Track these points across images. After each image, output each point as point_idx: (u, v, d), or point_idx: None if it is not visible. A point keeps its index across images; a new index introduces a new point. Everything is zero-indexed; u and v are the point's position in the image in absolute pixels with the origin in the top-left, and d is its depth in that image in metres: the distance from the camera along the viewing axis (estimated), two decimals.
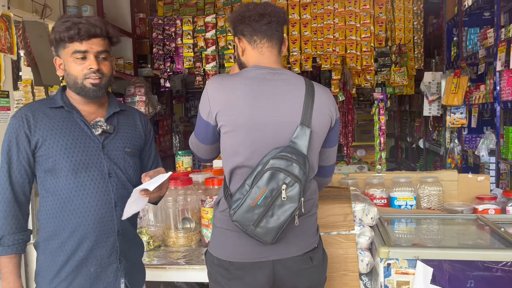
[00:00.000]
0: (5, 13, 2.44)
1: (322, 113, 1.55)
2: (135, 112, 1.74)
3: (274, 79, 1.54)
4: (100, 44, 1.52)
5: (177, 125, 5.42)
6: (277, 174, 1.42)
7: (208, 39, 4.03)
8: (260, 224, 1.44)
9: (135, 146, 1.66)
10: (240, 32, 1.59)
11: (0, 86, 2.39)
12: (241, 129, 1.50)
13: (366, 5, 4.12)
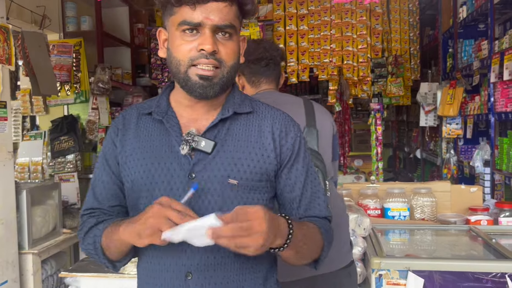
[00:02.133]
0: (3, 25, 2.47)
1: (324, 118, 1.65)
2: (268, 115, 1.08)
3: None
4: (222, 12, 0.98)
5: None
6: None
7: None
8: None
9: (250, 174, 1.03)
10: (240, 71, 1.70)
11: None
12: None
13: (362, 16, 4.17)
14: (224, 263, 1.01)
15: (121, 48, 4.32)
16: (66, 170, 3.64)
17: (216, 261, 1.00)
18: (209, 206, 1.00)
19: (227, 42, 1.00)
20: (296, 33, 4.24)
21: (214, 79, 0.99)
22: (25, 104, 3.81)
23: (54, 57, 3.63)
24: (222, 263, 1.01)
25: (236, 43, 1.02)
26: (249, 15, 1.07)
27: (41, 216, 2.72)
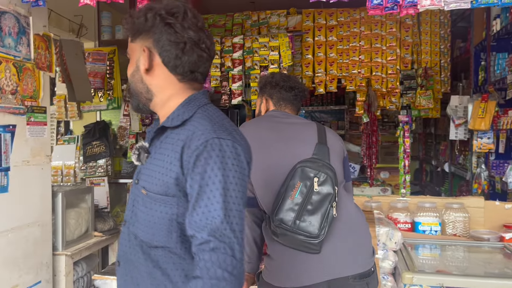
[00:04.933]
0: (45, 33, 2.58)
1: (335, 140, 1.76)
2: (190, 129, 1.10)
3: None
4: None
5: None
6: (306, 169, 1.56)
7: (235, 59, 4.11)
8: (303, 217, 1.53)
9: (156, 187, 1.10)
10: (269, 94, 1.90)
11: (39, 102, 2.50)
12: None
13: (392, 28, 4.15)
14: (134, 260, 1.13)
15: None
16: (97, 174, 3.74)
17: (128, 257, 1.15)
18: (138, 210, 1.15)
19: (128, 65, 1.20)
20: (324, 43, 4.25)
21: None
22: (60, 110, 3.94)
23: (89, 65, 3.75)
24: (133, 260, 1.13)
25: (130, 62, 1.19)
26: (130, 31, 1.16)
27: (75, 219, 2.80)
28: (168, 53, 1.11)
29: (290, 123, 1.79)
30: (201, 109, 1.14)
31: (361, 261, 1.62)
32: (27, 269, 2.40)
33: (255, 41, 4.07)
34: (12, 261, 2.31)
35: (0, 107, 2.23)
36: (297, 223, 1.54)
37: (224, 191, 1.00)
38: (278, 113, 1.84)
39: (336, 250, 1.57)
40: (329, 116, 7.14)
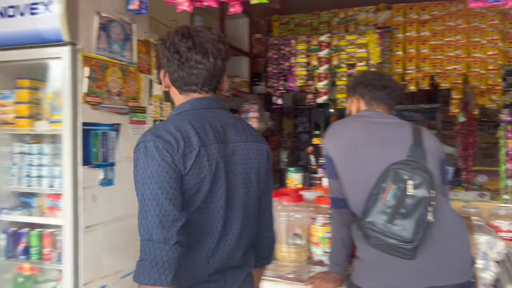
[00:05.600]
0: (146, 39, 2.78)
1: (432, 141, 1.67)
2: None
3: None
4: None
5: (285, 140, 5.55)
6: (399, 171, 1.51)
7: (322, 58, 4.08)
8: (395, 221, 1.48)
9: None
10: (360, 94, 1.85)
11: (140, 102, 2.71)
12: None
13: (494, 20, 3.83)
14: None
15: (240, 58, 4.54)
16: None
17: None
18: None
19: None
20: (416, 39, 4.05)
21: None
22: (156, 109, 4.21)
23: None
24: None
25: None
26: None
27: None
28: (175, 73, 1.31)
29: (383, 123, 1.73)
30: (170, 115, 1.32)
31: (459, 271, 1.53)
32: (128, 257, 2.61)
33: (342, 39, 4.00)
34: (115, 249, 2.53)
35: (108, 108, 2.45)
36: (389, 226, 1.49)
37: (138, 190, 1.21)
38: (370, 113, 1.79)
39: (432, 257, 1.49)
40: (420, 115, 6.76)
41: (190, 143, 1.19)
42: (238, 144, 1.31)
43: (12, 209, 2.47)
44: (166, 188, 1.15)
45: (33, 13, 2.25)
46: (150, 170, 1.16)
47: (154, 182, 1.15)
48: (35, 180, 2.42)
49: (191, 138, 1.20)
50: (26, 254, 2.41)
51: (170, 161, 1.16)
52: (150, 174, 1.16)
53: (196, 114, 1.27)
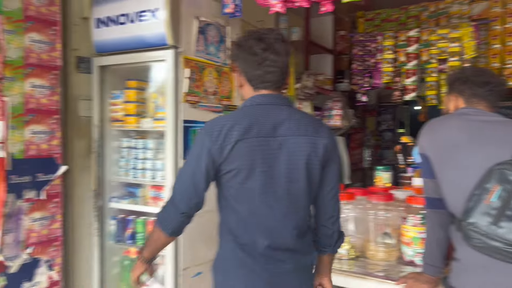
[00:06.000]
0: None
1: None
2: None
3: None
4: None
5: (368, 138, 5.45)
6: (506, 172, 1.45)
7: (410, 54, 3.96)
8: (501, 223, 1.43)
9: None
10: (459, 91, 1.76)
11: (232, 101, 2.85)
12: None
13: None
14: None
15: (324, 55, 4.55)
16: None
17: None
18: None
19: None
20: None
21: None
22: None
23: None
24: None
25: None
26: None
27: None
28: (251, 72, 1.49)
29: (484, 121, 1.66)
30: (234, 111, 1.57)
31: None
32: None
33: (432, 33, 3.85)
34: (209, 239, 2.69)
35: (205, 106, 2.62)
36: (493, 228, 1.44)
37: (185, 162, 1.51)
38: (469, 110, 1.72)
39: None
40: None
41: (230, 136, 1.40)
42: (287, 139, 1.45)
43: (120, 198, 2.74)
44: (197, 171, 1.43)
45: (142, 20, 2.47)
46: (195, 152, 1.45)
47: (193, 162, 1.44)
48: (140, 172, 2.66)
49: (233, 132, 1.40)
50: (133, 239, 2.67)
51: (208, 150, 1.41)
52: (193, 156, 1.45)
53: (251, 110, 1.47)
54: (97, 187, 2.72)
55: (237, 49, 1.52)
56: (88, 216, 2.73)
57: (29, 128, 2.33)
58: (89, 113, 2.73)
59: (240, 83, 1.55)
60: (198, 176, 1.43)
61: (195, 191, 1.44)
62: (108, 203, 2.75)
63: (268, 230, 1.48)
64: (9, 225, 2.24)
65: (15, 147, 2.27)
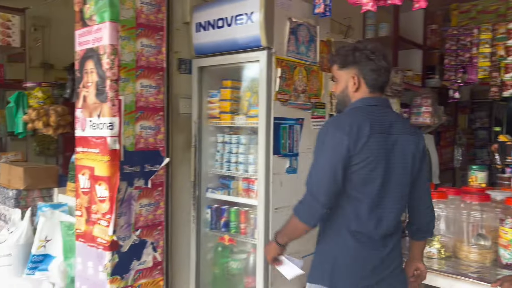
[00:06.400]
0: (328, 39, 2.98)
1: None
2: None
3: None
4: (331, 71, 1.86)
5: (460, 137, 5.19)
6: None
7: (510, 47, 3.72)
8: None
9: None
10: None
11: (320, 99, 2.93)
12: None
13: None
14: None
15: (413, 51, 4.43)
16: None
17: None
18: None
19: (335, 85, 1.80)
20: None
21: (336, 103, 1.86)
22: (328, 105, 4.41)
23: None
24: None
25: (340, 84, 1.76)
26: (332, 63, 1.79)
27: None
28: (370, 77, 1.68)
29: None
30: (348, 109, 1.72)
31: None
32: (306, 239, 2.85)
33: None
34: None
35: (294, 104, 2.73)
36: None
37: (316, 160, 1.63)
38: None
39: None
40: None
41: (363, 131, 1.58)
42: (399, 136, 1.66)
43: (215, 189, 2.96)
44: (335, 163, 1.57)
45: (238, 23, 2.64)
46: (329, 146, 1.59)
47: (329, 155, 1.59)
48: (233, 165, 2.85)
49: (364, 128, 1.58)
50: (226, 227, 2.87)
51: (344, 143, 1.57)
52: (327, 150, 1.60)
53: (369, 110, 1.66)
54: (195, 178, 2.97)
55: (356, 55, 1.69)
56: (187, 204, 2.99)
57: (139, 124, 2.62)
58: (188, 110, 2.98)
59: (356, 86, 1.71)
60: (338, 168, 1.57)
61: (334, 182, 1.58)
62: (204, 193, 2.98)
63: (381, 218, 1.66)
64: (122, 209, 2.54)
65: (127, 141, 2.56)
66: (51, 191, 4.24)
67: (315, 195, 1.59)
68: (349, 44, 1.79)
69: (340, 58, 1.74)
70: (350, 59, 1.70)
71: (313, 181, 1.62)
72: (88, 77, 2.58)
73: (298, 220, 1.65)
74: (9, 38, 4.66)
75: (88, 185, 2.61)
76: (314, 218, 1.62)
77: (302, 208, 1.64)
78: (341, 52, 1.75)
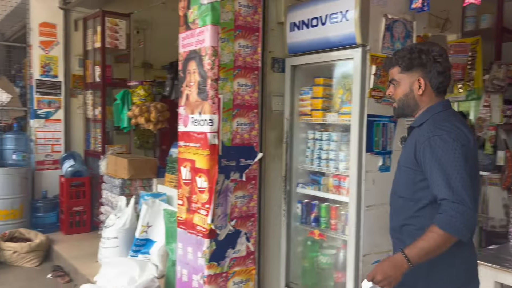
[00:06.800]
0: (425, 34, 2.89)
1: None
2: (424, 131, 1.67)
3: None
4: (391, 73, 1.82)
5: None
6: None
7: None
8: None
9: (406, 162, 1.73)
10: None
11: None
12: None
13: None
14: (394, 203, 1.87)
15: None
16: None
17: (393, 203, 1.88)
18: (396, 175, 1.87)
19: (396, 88, 1.79)
20: None
21: (394, 108, 1.86)
22: None
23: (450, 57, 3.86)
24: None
25: (402, 87, 1.76)
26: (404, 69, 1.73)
27: None
28: (436, 80, 1.69)
29: None
30: (434, 116, 1.68)
31: None
32: None
33: None
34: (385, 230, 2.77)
35: (388, 101, 2.69)
36: None
37: (441, 167, 1.55)
38: None
39: None
40: None
41: (469, 141, 1.61)
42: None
43: (305, 184, 3.03)
44: (465, 166, 1.54)
45: (332, 21, 2.67)
46: (452, 153, 1.55)
47: (459, 161, 1.54)
48: (323, 162, 2.89)
49: (470, 138, 1.62)
50: (316, 222, 2.93)
51: (465, 146, 1.58)
52: (454, 156, 1.55)
53: (452, 113, 1.72)
54: (286, 173, 3.06)
55: (422, 57, 1.69)
56: (278, 198, 3.09)
57: (235, 121, 2.77)
58: (281, 107, 3.08)
59: (422, 90, 1.71)
60: (469, 175, 1.54)
61: (473, 188, 1.54)
62: (294, 188, 3.07)
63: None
64: (219, 200, 2.72)
65: (225, 136, 2.73)
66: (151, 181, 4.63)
67: (467, 204, 1.49)
68: (410, 46, 1.77)
69: (405, 60, 1.70)
70: (416, 62, 1.68)
71: (457, 191, 1.51)
72: (191, 77, 2.79)
73: (451, 237, 1.50)
74: (116, 41, 5.14)
75: (189, 176, 2.83)
76: (472, 228, 1.53)
77: (455, 224, 1.49)
78: (405, 55, 1.71)
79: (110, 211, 4.63)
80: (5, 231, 4.74)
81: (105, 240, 4.05)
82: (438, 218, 1.51)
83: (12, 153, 5.33)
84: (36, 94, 5.57)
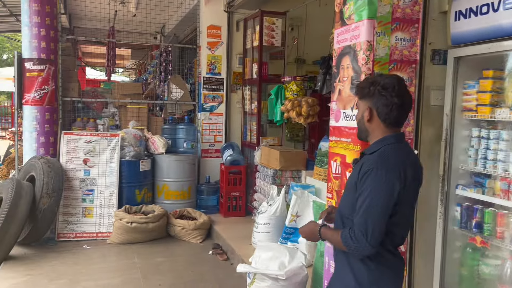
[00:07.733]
0: None
1: None
2: (371, 161, 1.75)
3: None
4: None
5: None
6: None
7: None
8: None
9: (351, 184, 1.83)
10: None
11: None
12: None
13: None
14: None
15: None
16: None
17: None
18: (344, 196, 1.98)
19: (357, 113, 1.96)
20: None
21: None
22: None
23: None
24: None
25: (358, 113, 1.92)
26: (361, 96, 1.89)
27: None
28: (382, 111, 1.79)
29: None
30: (384, 147, 1.78)
31: None
32: None
33: None
34: None
35: None
36: None
37: (368, 199, 1.69)
38: None
39: None
40: None
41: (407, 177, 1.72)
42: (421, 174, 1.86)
43: (466, 186, 2.79)
44: (386, 211, 1.68)
45: (507, 7, 2.38)
46: (384, 190, 1.68)
47: (384, 201, 1.67)
48: (490, 163, 2.62)
49: (408, 173, 1.72)
50: (479, 228, 2.67)
51: (397, 190, 1.69)
52: (382, 193, 1.68)
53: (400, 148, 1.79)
54: (444, 173, 2.86)
55: (371, 89, 1.80)
56: (433, 198, 2.91)
57: None
58: (440, 102, 2.88)
59: (367, 119, 1.83)
60: (387, 215, 1.69)
61: (382, 228, 1.68)
62: (453, 189, 2.85)
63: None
64: None
65: None
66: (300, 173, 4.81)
67: (369, 238, 1.66)
68: (370, 77, 1.94)
69: (358, 89, 1.87)
70: (366, 91, 1.82)
71: (367, 222, 1.67)
72: (344, 72, 2.81)
73: (344, 246, 1.74)
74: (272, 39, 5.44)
75: (339, 171, 2.86)
76: (359, 254, 1.73)
77: (351, 244, 1.70)
78: (361, 84, 1.87)
79: (263, 198, 4.97)
80: (175, 209, 5.47)
81: (258, 225, 4.37)
82: (344, 233, 1.74)
83: (183, 142, 6.10)
84: (203, 90, 6.26)
